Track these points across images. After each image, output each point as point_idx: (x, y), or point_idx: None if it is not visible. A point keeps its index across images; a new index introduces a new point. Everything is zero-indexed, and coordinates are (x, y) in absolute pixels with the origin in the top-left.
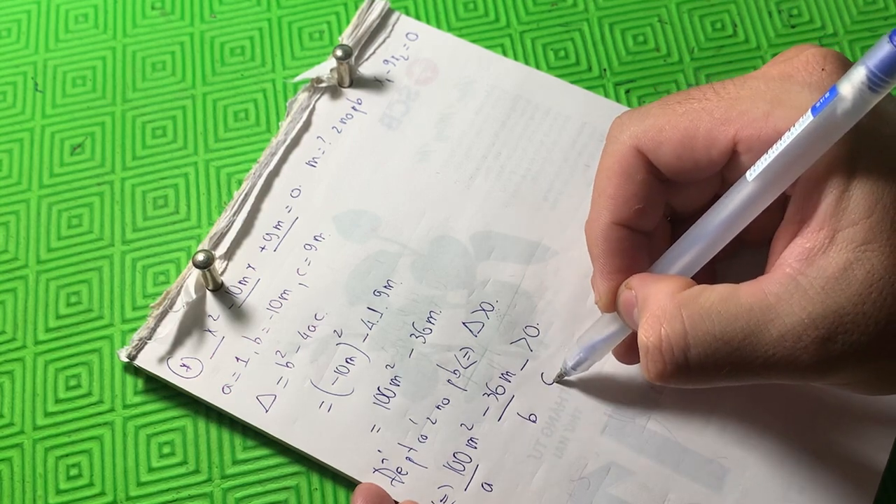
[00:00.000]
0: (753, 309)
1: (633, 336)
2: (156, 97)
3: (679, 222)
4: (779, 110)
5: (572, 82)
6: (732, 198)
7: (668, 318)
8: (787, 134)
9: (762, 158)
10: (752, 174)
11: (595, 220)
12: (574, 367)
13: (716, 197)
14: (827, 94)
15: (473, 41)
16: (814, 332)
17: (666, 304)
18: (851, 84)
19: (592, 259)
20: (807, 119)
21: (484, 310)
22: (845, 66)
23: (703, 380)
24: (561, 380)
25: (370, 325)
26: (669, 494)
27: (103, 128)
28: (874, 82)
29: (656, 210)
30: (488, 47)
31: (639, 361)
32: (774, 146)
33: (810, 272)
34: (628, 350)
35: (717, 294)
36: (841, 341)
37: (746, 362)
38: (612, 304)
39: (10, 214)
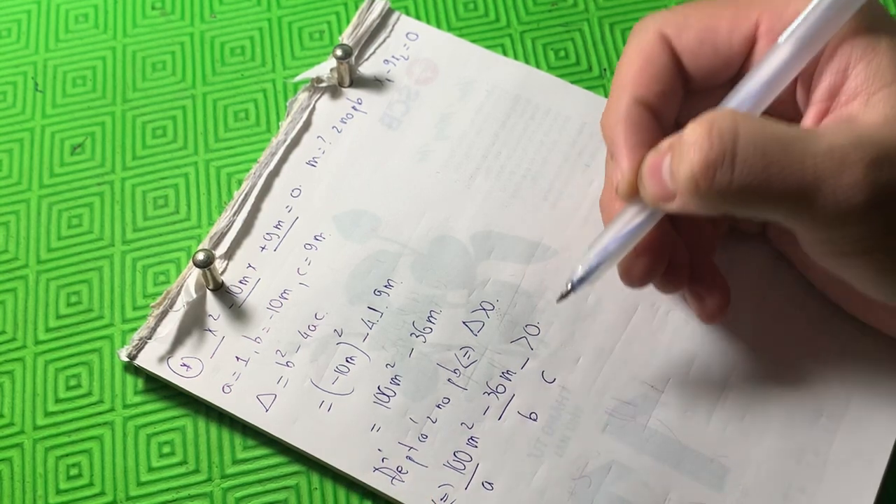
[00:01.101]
0: (804, 129)
1: (644, 243)
2: (156, 97)
3: None
4: None
5: (572, 82)
6: (766, 63)
7: (719, 115)
8: None
9: (793, 23)
10: (783, 38)
11: (614, 104)
12: (586, 277)
13: None
14: None
15: (473, 41)
16: (861, 153)
17: (715, 111)
18: None
19: (611, 142)
20: None
21: (484, 309)
22: None
23: (745, 175)
24: (567, 295)
25: (370, 324)
26: (670, 493)
27: (103, 128)
28: None
29: (675, 100)
30: (488, 47)
31: (648, 283)
32: (806, 9)
33: (854, 127)
34: (640, 257)
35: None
36: (887, 171)
37: (794, 164)
38: (634, 186)
39: (10, 214)
